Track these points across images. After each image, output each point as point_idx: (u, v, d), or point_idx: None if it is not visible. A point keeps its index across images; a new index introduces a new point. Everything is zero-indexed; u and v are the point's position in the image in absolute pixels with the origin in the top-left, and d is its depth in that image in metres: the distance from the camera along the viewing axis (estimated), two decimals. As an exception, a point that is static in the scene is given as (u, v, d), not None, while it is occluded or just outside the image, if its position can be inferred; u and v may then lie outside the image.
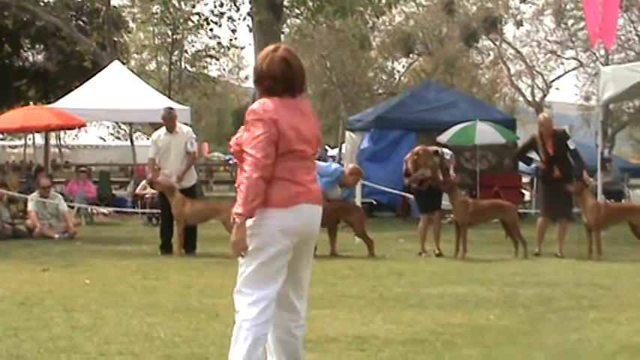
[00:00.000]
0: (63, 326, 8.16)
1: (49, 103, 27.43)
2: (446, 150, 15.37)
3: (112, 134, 50.43)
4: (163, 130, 15.07)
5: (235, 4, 27.81)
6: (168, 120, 15.10)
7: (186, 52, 43.49)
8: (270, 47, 5.71)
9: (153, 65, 49.27)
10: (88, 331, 7.94)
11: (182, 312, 8.94)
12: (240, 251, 5.69)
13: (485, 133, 22.17)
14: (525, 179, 26.19)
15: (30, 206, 17.87)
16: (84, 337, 7.69)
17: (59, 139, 47.47)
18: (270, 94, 5.62)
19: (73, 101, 23.89)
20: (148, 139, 47.01)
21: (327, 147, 60.76)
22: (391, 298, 10.03)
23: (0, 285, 10.83)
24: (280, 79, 5.61)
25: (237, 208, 5.55)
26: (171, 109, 15.91)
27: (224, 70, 63.25)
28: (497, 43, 53.32)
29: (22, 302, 9.52)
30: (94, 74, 26.40)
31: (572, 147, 14.94)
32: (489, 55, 54.64)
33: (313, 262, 13.54)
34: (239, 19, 28.20)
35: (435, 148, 15.72)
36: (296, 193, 5.57)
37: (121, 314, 8.80)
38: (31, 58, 39.96)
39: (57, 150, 47.09)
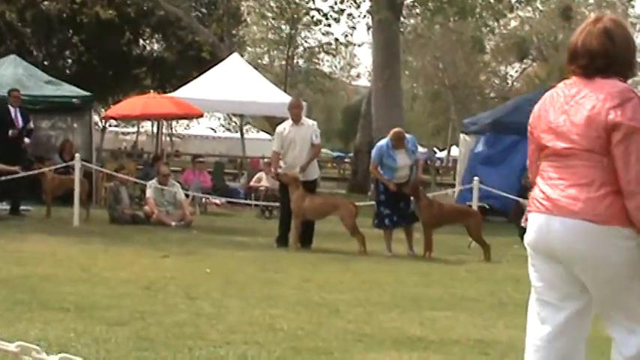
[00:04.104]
0: (188, 313, 8.25)
1: (165, 92, 27.86)
2: None
3: (222, 125, 50.95)
4: (289, 122, 15.10)
5: (355, 2, 27.93)
6: (296, 107, 15.16)
7: (299, 48, 43.70)
8: (591, 18, 4.59)
9: (266, 60, 49.67)
10: (213, 319, 8.01)
11: (303, 306, 8.97)
12: None
13: (605, 142, 21.79)
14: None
15: (148, 193, 18.13)
16: (209, 324, 7.76)
17: (171, 128, 48.17)
18: (579, 74, 4.53)
19: (191, 91, 24.24)
20: (257, 132, 47.74)
21: (435, 149, 60.58)
22: (511, 304, 9.91)
23: (123, 268, 11.04)
24: (599, 57, 4.45)
25: None
26: (300, 98, 16.09)
27: (336, 67, 63.50)
28: (615, 51, 52.44)
29: (147, 287, 9.67)
30: (212, 65, 26.72)
31: None
32: (606, 63, 53.77)
33: (428, 265, 13.46)
34: (359, 16, 28.32)
35: None
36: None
37: (244, 304, 8.88)
38: (148, 47, 40.63)
39: (168, 139, 47.80)
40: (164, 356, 6.55)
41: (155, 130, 28.72)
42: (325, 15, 30.48)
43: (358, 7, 28.13)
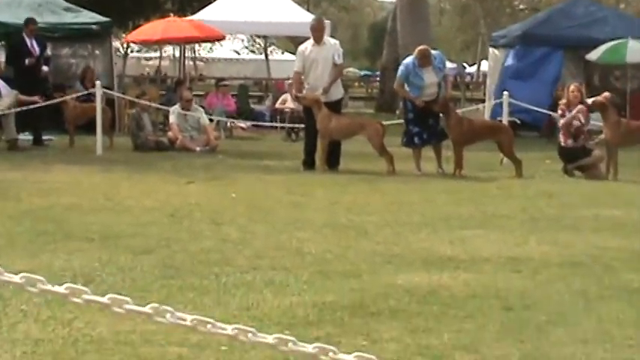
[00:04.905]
0: (213, 239, 8.16)
1: (186, 15, 27.55)
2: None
3: (246, 47, 50.54)
4: (310, 42, 14.82)
5: None
6: (317, 29, 14.84)
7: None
8: None
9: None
10: (238, 244, 7.94)
11: (330, 228, 8.86)
12: None
13: (637, 52, 21.32)
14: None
15: (172, 119, 17.92)
16: (235, 250, 7.70)
17: (194, 51, 47.79)
18: None
19: (212, 13, 24.00)
20: (282, 53, 47.34)
21: (464, 64, 59.97)
22: (543, 219, 9.78)
23: (148, 196, 10.93)
24: None
25: None
26: (321, 18, 15.76)
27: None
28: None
29: (172, 214, 9.56)
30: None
31: None
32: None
33: (458, 183, 13.28)
34: None
35: None
36: None
37: (270, 229, 8.78)
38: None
39: (191, 63, 47.46)
40: (190, 283, 6.50)
41: (178, 55, 28.44)
42: None
43: None
